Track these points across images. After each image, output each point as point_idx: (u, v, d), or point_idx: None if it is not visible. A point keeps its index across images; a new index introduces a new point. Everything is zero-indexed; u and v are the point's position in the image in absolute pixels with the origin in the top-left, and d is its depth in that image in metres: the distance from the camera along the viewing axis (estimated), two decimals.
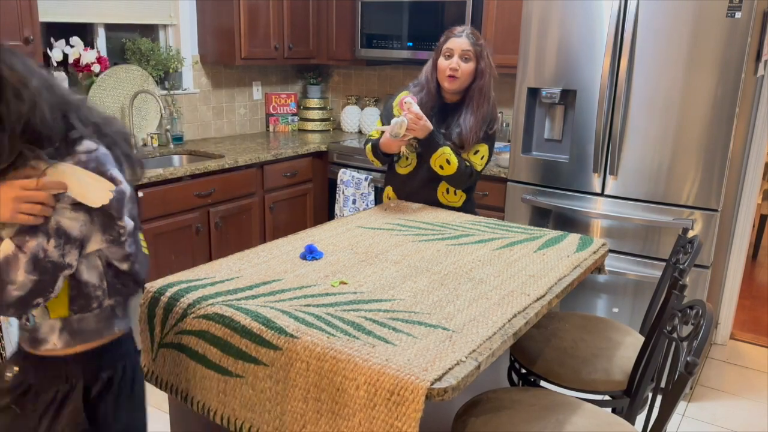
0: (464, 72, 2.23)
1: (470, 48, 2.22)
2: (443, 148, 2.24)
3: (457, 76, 2.23)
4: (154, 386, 1.59)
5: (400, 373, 1.19)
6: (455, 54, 2.23)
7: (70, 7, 3.13)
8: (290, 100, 4.31)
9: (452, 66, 2.22)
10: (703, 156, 2.59)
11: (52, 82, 1.26)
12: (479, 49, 2.24)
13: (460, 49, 2.22)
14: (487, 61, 2.26)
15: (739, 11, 2.42)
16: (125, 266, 1.31)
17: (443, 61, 2.25)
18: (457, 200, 2.42)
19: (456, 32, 2.26)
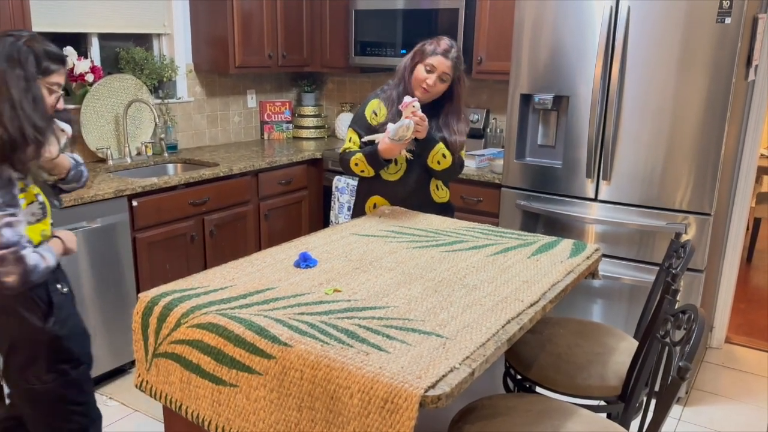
0: (437, 91, 2.30)
1: (450, 72, 2.27)
2: (438, 144, 2.31)
3: (430, 92, 2.28)
4: (149, 396, 1.59)
5: (393, 381, 1.19)
6: (435, 72, 2.25)
7: (63, 16, 3.14)
8: (285, 108, 4.32)
9: (429, 83, 2.26)
10: (696, 160, 2.61)
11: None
12: (458, 73, 2.30)
13: (441, 70, 2.25)
14: (463, 84, 2.34)
15: (728, 17, 2.44)
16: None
17: (422, 72, 2.26)
18: (445, 195, 2.50)
19: (443, 49, 2.25)
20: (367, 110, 2.41)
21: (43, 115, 1.64)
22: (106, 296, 2.80)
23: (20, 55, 1.60)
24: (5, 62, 1.58)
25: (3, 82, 1.57)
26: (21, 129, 1.57)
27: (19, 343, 1.81)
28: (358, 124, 2.42)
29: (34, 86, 1.62)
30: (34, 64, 1.62)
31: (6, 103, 1.56)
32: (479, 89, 3.81)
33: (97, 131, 3.31)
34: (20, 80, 1.59)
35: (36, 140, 1.61)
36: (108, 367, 2.89)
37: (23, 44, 1.62)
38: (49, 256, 1.71)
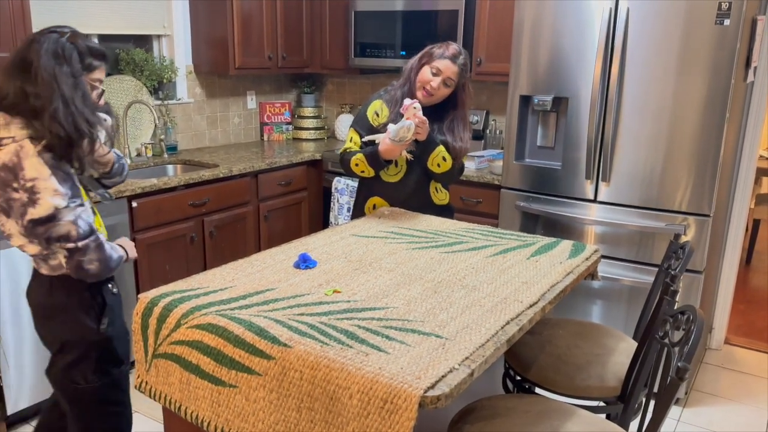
0: (440, 95, 2.29)
1: (455, 78, 2.26)
2: (439, 146, 2.31)
3: (433, 95, 2.28)
4: (148, 397, 1.59)
5: (393, 381, 1.19)
6: (441, 75, 2.25)
7: (63, 17, 3.14)
8: (284, 109, 4.32)
9: (432, 85, 2.25)
10: (695, 162, 2.61)
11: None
12: (463, 80, 2.29)
13: (447, 74, 2.24)
14: (468, 91, 2.34)
15: (727, 18, 2.44)
16: None
17: (427, 74, 2.26)
18: (445, 198, 2.50)
19: (451, 54, 2.24)
20: (369, 111, 2.40)
21: (93, 110, 1.66)
22: None
23: (65, 51, 1.61)
24: (53, 59, 1.59)
25: (54, 79, 1.58)
26: (76, 125, 1.59)
27: (72, 343, 1.82)
28: (359, 124, 2.41)
29: (82, 82, 1.64)
30: (79, 61, 1.64)
31: (59, 100, 1.57)
32: (479, 91, 3.82)
33: None
34: (69, 77, 1.60)
35: (90, 135, 1.64)
36: None
37: (67, 41, 1.63)
38: (117, 248, 1.77)
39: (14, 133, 1.59)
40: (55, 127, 1.56)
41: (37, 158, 1.57)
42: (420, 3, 3.53)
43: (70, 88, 1.60)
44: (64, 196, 1.59)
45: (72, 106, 1.59)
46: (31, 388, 2.60)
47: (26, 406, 2.61)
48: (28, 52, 1.59)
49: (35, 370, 2.60)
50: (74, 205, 1.62)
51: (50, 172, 1.58)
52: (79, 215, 1.63)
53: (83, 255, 1.65)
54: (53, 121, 1.56)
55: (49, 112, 1.56)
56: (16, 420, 2.62)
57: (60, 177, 1.60)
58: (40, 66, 1.57)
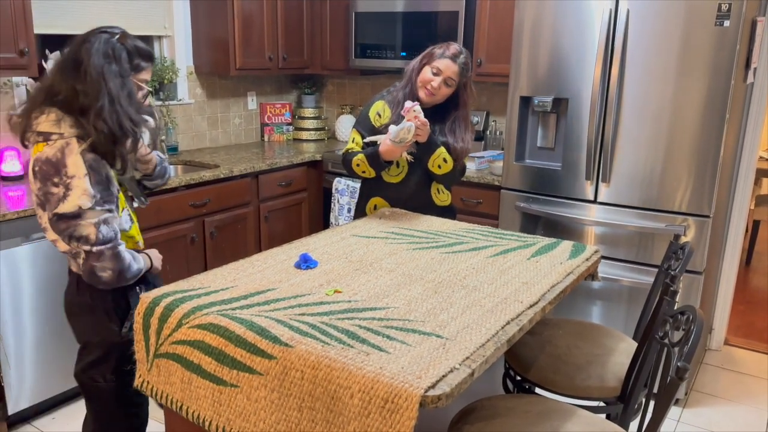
0: (442, 95, 2.29)
1: (456, 78, 2.26)
2: (440, 148, 2.31)
3: (434, 95, 2.28)
4: (150, 396, 1.60)
5: (394, 381, 1.20)
6: (441, 75, 2.25)
7: (64, 19, 3.15)
8: (285, 110, 4.33)
9: (434, 85, 2.26)
10: (695, 163, 2.62)
11: None
12: (465, 80, 2.29)
13: (447, 74, 2.25)
14: (470, 91, 2.33)
15: (727, 20, 2.45)
16: None
17: (428, 74, 2.27)
18: (446, 199, 2.50)
19: (451, 53, 2.25)
20: (371, 111, 2.41)
21: (138, 109, 1.69)
22: None
23: (114, 51, 1.65)
24: (103, 58, 1.62)
25: (101, 77, 1.61)
26: (120, 123, 1.62)
27: (94, 343, 1.85)
28: (361, 125, 2.42)
29: (129, 82, 1.67)
30: (127, 61, 1.67)
31: (105, 98, 1.60)
32: (479, 92, 3.80)
33: None
34: (117, 76, 1.63)
35: (133, 134, 1.66)
36: None
37: (117, 41, 1.67)
38: (140, 260, 1.76)
39: (64, 130, 1.62)
40: (100, 124, 1.60)
41: (79, 157, 1.60)
42: (420, 4, 3.53)
43: (117, 87, 1.63)
44: (92, 198, 1.61)
45: (117, 105, 1.62)
46: (31, 388, 2.60)
47: (27, 406, 2.61)
48: (79, 52, 1.63)
49: (36, 370, 2.60)
50: (101, 209, 1.63)
51: (86, 172, 1.60)
52: (104, 220, 1.63)
53: (97, 260, 1.64)
54: (98, 118, 1.59)
55: (95, 109, 1.60)
56: (16, 420, 2.63)
57: (95, 179, 1.62)
58: (90, 65, 1.60)
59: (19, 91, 3.02)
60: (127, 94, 1.64)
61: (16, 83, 2.98)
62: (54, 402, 2.75)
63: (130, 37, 1.71)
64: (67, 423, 2.66)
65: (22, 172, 2.94)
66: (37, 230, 2.52)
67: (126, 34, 1.71)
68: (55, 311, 2.63)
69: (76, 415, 2.72)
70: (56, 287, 2.62)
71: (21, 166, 2.94)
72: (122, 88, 1.63)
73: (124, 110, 1.63)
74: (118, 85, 1.63)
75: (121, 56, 1.65)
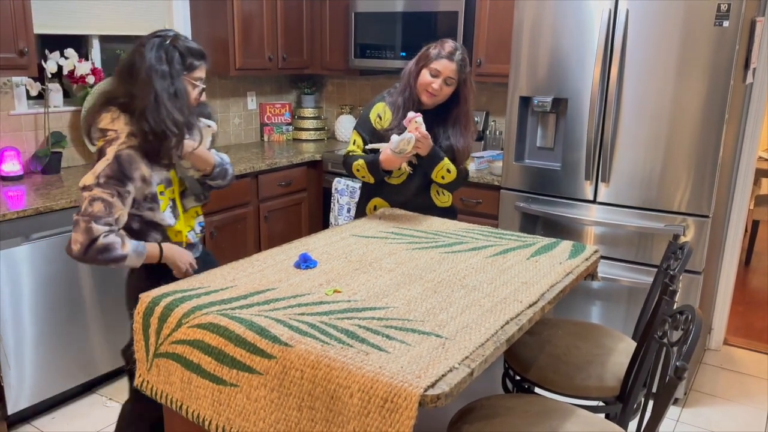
0: (444, 94, 2.27)
1: (455, 76, 2.24)
2: (443, 160, 2.29)
3: (436, 96, 2.26)
4: (149, 396, 1.60)
5: (393, 381, 1.20)
6: (441, 76, 2.22)
7: (64, 19, 3.15)
8: (285, 110, 4.33)
9: (434, 87, 2.23)
10: (694, 163, 2.62)
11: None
12: (464, 76, 2.26)
13: (446, 74, 2.22)
14: (470, 86, 2.30)
15: (726, 20, 2.45)
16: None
17: (427, 77, 2.24)
18: (447, 200, 2.50)
19: (447, 53, 2.22)
20: (372, 113, 2.39)
21: (184, 110, 1.79)
22: (106, 297, 2.81)
23: (167, 54, 1.76)
24: (154, 61, 1.73)
25: (149, 77, 1.72)
26: (163, 122, 1.72)
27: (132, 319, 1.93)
28: (362, 127, 2.41)
29: (177, 82, 1.77)
30: (179, 62, 1.78)
31: (151, 98, 1.71)
32: (478, 92, 3.79)
33: None
34: (165, 77, 1.74)
35: (175, 133, 1.76)
36: (107, 368, 2.89)
37: (169, 44, 1.77)
38: (131, 250, 1.77)
39: (118, 126, 1.76)
40: (143, 124, 1.72)
41: (117, 148, 1.73)
42: (420, 4, 3.54)
43: (164, 87, 1.73)
44: (96, 178, 1.72)
45: (162, 106, 1.72)
46: (31, 388, 2.60)
47: (26, 405, 2.61)
48: (134, 57, 1.76)
49: (36, 370, 2.60)
50: (100, 190, 1.71)
51: (112, 160, 1.72)
52: (100, 199, 1.71)
53: (73, 230, 1.72)
54: (142, 117, 1.72)
55: (140, 109, 1.72)
56: (16, 420, 2.63)
57: (111, 168, 1.72)
58: (141, 68, 1.73)
59: (19, 91, 3.02)
60: (173, 94, 1.75)
61: (16, 83, 2.99)
62: (54, 402, 2.75)
63: (182, 39, 1.82)
64: (66, 423, 2.67)
65: (21, 172, 2.94)
66: (37, 230, 2.52)
67: (178, 36, 1.81)
68: (55, 311, 2.64)
69: (75, 415, 2.72)
70: (56, 287, 2.62)
71: (20, 166, 2.94)
72: (169, 88, 1.74)
73: (168, 111, 1.73)
74: (165, 86, 1.73)
75: (173, 57, 1.76)
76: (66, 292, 2.66)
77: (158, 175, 1.84)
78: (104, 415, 2.72)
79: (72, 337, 2.72)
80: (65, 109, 3.20)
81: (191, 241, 2.00)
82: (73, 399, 2.82)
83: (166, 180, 1.87)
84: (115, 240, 1.74)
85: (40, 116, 3.09)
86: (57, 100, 3.15)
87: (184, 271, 1.91)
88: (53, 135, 3.12)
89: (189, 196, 1.99)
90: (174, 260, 1.90)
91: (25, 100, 3.06)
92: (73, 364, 2.74)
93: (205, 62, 1.87)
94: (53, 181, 2.93)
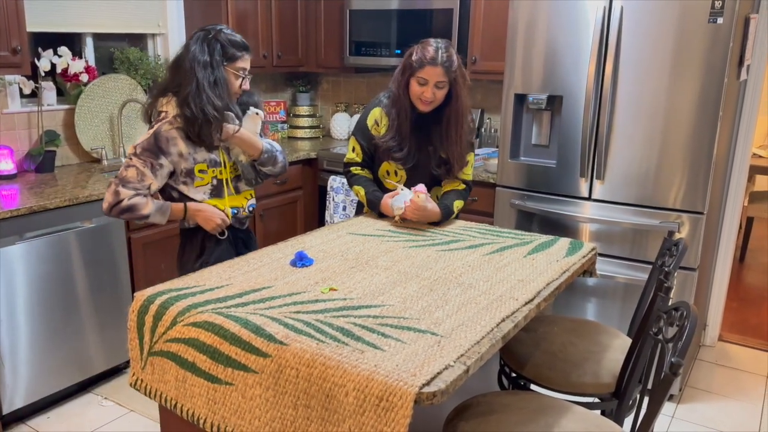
0: (439, 98, 2.19)
1: (444, 78, 2.14)
2: (452, 211, 2.29)
3: (433, 102, 2.19)
4: (143, 395, 1.59)
5: (388, 379, 1.20)
6: (429, 83, 2.14)
7: (57, 17, 3.13)
8: (279, 108, 4.32)
9: (426, 96, 2.16)
10: (689, 159, 2.63)
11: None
12: (453, 75, 2.16)
13: (434, 79, 2.13)
14: (461, 81, 2.20)
15: (720, 17, 2.45)
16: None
17: (417, 87, 2.16)
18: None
19: (430, 58, 2.11)
20: (369, 119, 2.35)
21: (224, 97, 1.96)
22: (101, 296, 2.80)
23: (209, 45, 1.95)
24: (198, 53, 1.93)
25: (192, 67, 1.92)
26: (203, 108, 1.91)
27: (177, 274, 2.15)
28: (359, 133, 2.37)
29: (218, 71, 1.95)
30: (221, 53, 1.96)
31: (193, 85, 1.91)
32: (474, 89, 3.82)
33: (91, 131, 3.30)
34: (207, 66, 1.93)
35: (215, 118, 1.93)
36: (103, 368, 2.88)
37: (212, 37, 1.96)
38: (153, 210, 1.98)
39: (169, 109, 1.98)
40: (185, 109, 1.92)
41: (160, 125, 1.95)
42: (415, 2, 3.53)
43: (205, 76, 1.92)
44: (136, 149, 1.94)
45: (203, 92, 1.91)
46: (26, 387, 2.59)
47: (21, 405, 2.60)
48: (182, 49, 1.98)
49: (31, 369, 2.59)
50: (138, 160, 1.94)
51: (151, 135, 1.94)
52: (134, 167, 1.94)
53: (107, 188, 1.95)
54: (184, 103, 1.92)
55: (183, 95, 1.92)
56: (11, 419, 2.62)
57: (148, 143, 1.94)
58: (186, 59, 1.94)
59: (12, 89, 3.00)
60: (213, 82, 1.93)
61: (9, 81, 2.97)
62: (49, 401, 2.74)
63: (225, 32, 1.99)
64: (62, 422, 2.66)
65: (15, 170, 2.93)
66: (32, 229, 2.51)
67: (222, 30, 1.99)
68: (50, 310, 2.63)
69: (71, 414, 2.71)
70: (50, 286, 2.61)
71: (14, 164, 2.93)
72: (210, 77, 1.92)
73: (208, 97, 1.91)
74: (206, 75, 1.92)
75: (215, 48, 1.95)
76: (61, 291, 2.65)
77: (201, 154, 2.02)
78: (100, 414, 2.72)
79: (67, 336, 2.71)
80: (59, 107, 3.18)
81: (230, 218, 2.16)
82: (68, 398, 2.81)
83: (210, 160, 2.04)
84: (140, 202, 1.95)
85: (33, 115, 3.08)
86: (50, 98, 3.14)
87: (215, 226, 2.08)
88: (47, 133, 3.10)
89: (242, 179, 2.15)
90: (199, 217, 2.06)
91: (18, 98, 3.04)
92: (68, 363, 2.73)
93: (247, 53, 2.03)
94: (47, 179, 2.92)
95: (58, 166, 3.17)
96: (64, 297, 2.66)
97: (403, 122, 2.24)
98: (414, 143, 2.27)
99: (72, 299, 2.70)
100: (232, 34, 2.00)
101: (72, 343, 2.73)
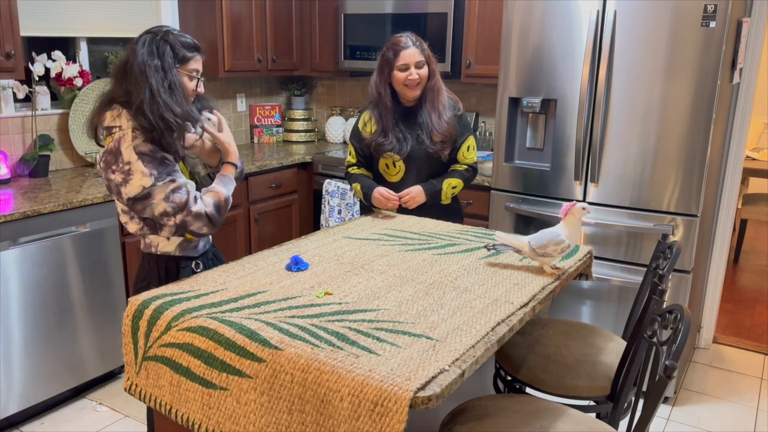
0: (423, 78, 2.36)
1: (421, 57, 2.34)
2: (443, 188, 2.44)
3: (419, 82, 2.35)
4: (138, 399, 1.59)
5: (383, 384, 1.20)
6: (411, 65, 2.32)
7: (51, 21, 3.12)
8: (274, 112, 4.32)
9: (412, 77, 2.33)
10: (682, 162, 2.64)
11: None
12: (427, 52, 2.36)
13: (414, 61, 2.32)
14: (434, 59, 2.39)
15: (713, 20, 2.47)
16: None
17: (400, 74, 2.34)
18: (447, 199, 2.54)
19: (402, 44, 2.32)
20: (360, 122, 2.52)
21: (181, 102, 1.78)
22: (95, 301, 2.79)
23: (158, 48, 1.77)
24: (146, 56, 1.74)
25: (142, 73, 1.73)
26: (161, 115, 1.72)
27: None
28: (354, 137, 2.55)
29: (171, 75, 1.77)
30: (171, 55, 1.78)
31: (147, 92, 1.72)
32: (468, 93, 3.83)
33: (85, 136, 3.28)
34: (158, 70, 1.75)
35: (177, 125, 1.76)
36: (97, 373, 2.87)
37: (160, 38, 1.78)
38: (220, 187, 1.86)
39: (122, 123, 1.77)
40: (140, 119, 1.72)
41: (133, 145, 1.73)
42: (409, 6, 3.54)
43: (158, 81, 1.73)
44: (151, 176, 1.72)
45: (158, 98, 1.72)
46: (20, 393, 2.58)
47: (15, 411, 2.59)
48: (127, 54, 1.78)
49: (24, 375, 2.58)
50: (163, 183, 1.73)
51: (138, 157, 1.72)
52: (171, 190, 1.74)
53: (189, 227, 1.79)
54: (138, 112, 1.72)
55: (136, 104, 1.72)
56: (5, 425, 2.60)
57: (148, 160, 1.73)
58: (134, 64, 1.74)
59: (6, 93, 2.99)
60: (168, 87, 1.75)
61: (3, 86, 2.96)
62: (43, 407, 2.73)
63: (173, 33, 1.81)
64: (56, 428, 2.64)
65: (8, 175, 2.92)
66: (26, 234, 2.50)
67: (170, 31, 1.81)
68: (44, 315, 2.61)
69: (65, 420, 2.70)
70: (44, 291, 2.60)
71: (8, 169, 2.92)
72: (163, 81, 1.74)
73: (165, 103, 1.73)
74: (159, 80, 1.73)
75: (165, 51, 1.77)
76: (54, 296, 2.63)
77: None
78: (94, 419, 2.70)
79: (61, 341, 2.69)
80: (53, 111, 3.18)
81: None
82: (62, 404, 2.80)
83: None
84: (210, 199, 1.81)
85: (27, 119, 3.07)
86: (44, 102, 3.13)
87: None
88: (41, 138, 3.09)
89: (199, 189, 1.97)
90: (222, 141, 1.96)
91: (12, 103, 3.03)
92: (62, 368, 2.72)
93: (199, 54, 1.87)
94: (41, 184, 2.91)
95: (52, 171, 3.16)
96: (59, 302, 2.65)
97: (387, 118, 2.40)
98: (403, 133, 2.42)
99: (66, 304, 2.69)
100: (181, 34, 1.84)
101: (66, 348, 2.72)
